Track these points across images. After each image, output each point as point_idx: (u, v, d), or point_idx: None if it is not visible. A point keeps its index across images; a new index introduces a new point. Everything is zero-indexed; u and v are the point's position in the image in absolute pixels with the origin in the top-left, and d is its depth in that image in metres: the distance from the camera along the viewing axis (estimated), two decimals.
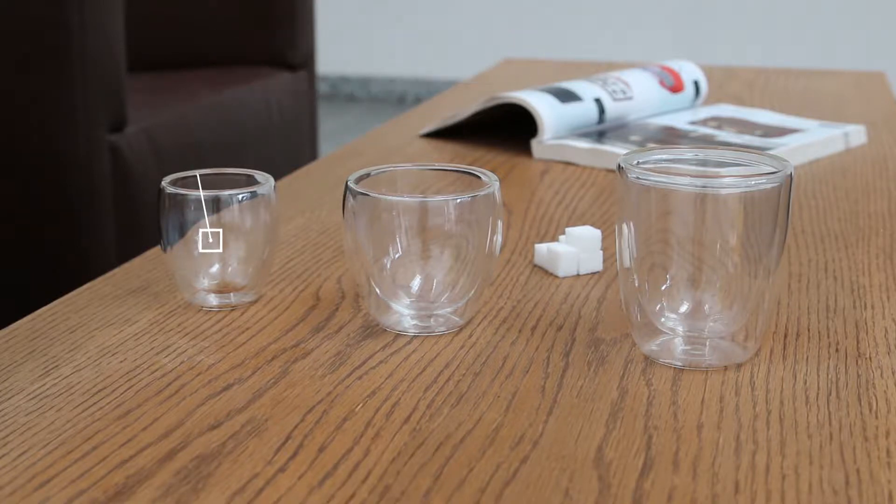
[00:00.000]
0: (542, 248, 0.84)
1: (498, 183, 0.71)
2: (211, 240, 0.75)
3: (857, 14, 4.37)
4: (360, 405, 0.61)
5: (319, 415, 0.60)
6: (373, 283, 0.71)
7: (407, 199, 0.69)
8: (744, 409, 0.60)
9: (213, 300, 0.76)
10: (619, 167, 0.65)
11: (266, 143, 2.04)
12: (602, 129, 1.28)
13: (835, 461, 0.55)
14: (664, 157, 0.69)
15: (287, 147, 2.12)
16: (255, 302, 0.77)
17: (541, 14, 4.66)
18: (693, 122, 1.33)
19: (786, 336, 0.70)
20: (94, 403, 0.61)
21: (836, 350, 0.68)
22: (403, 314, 0.71)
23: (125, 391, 0.63)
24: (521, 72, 1.88)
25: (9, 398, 0.62)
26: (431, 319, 0.71)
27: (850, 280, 0.81)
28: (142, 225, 1.58)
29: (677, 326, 0.66)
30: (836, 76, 1.81)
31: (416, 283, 0.70)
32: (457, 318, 0.72)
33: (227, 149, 1.87)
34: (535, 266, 0.85)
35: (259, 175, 0.77)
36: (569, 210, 1.00)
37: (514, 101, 1.24)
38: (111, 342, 0.70)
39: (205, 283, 0.76)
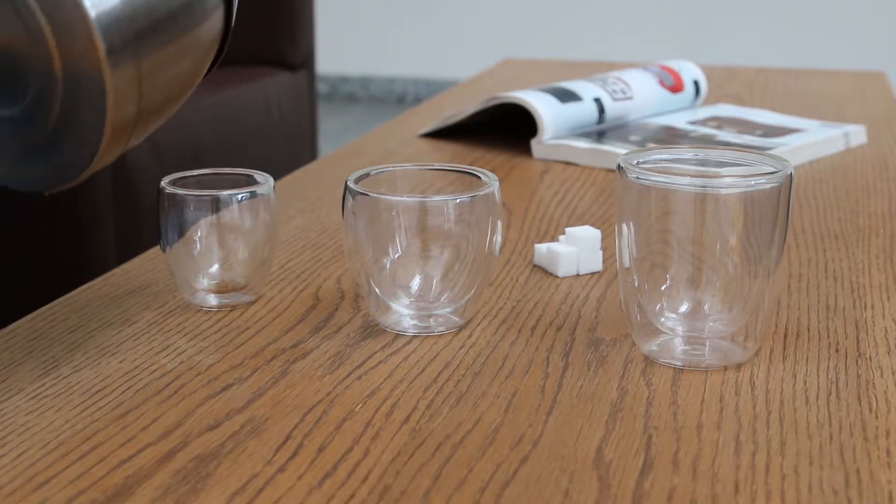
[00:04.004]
0: (541, 248, 0.84)
1: (497, 183, 0.71)
2: (210, 240, 0.75)
3: (857, 14, 4.36)
4: (360, 405, 0.61)
5: (319, 415, 0.60)
6: (372, 283, 0.71)
7: (407, 199, 0.69)
8: (744, 410, 0.60)
9: (212, 300, 0.76)
10: (619, 167, 0.65)
11: (266, 143, 2.04)
12: (602, 129, 1.28)
13: (835, 461, 0.55)
14: (664, 157, 0.69)
15: (287, 147, 2.12)
16: (255, 302, 0.77)
17: (541, 14, 4.66)
18: (693, 122, 1.33)
19: (786, 336, 0.70)
20: (94, 403, 0.61)
21: (836, 350, 0.68)
22: (403, 314, 0.71)
23: (124, 391, 0.63)
24: (521, 72, 1.88)
25: (8, 398, 0.62)
26: (431, 319, 0.71)
27: (850, 280, 0.81)
28: (142, 225, 1.58)
29: (677, 326, 0.66)
30: (836, 76, 1.81)
31: (415, 283, 0.70)
32: (456, 318, 0.72)
33: (227, 149, 1.87)
34: (534, 266, 0.84)
35: (259, 175, 0.77)
36: (569, 210, 1.00)
37: (513, 101, 1.24)
38: (111, 342, 0.70)
39: (204, 283, 0.76)
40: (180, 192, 0.74)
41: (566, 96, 1.26)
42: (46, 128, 0.59)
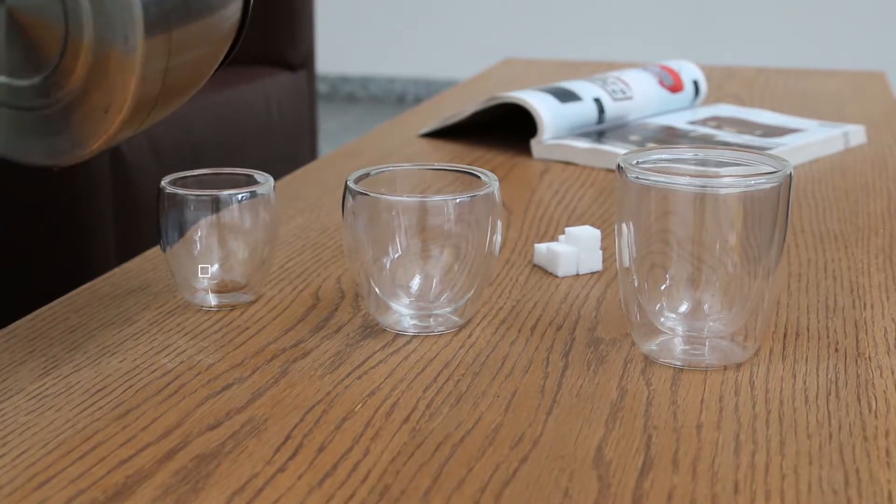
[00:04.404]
0: (541, 248, 0.84)
1: (497, 183, 0.71)
2: (210, 240, 0.75)
3: (857, 14, 4.36)
4: (360, 405, 0.61)
5: (319, 414, 0.60)
6: (372, 283, 0.71)
7: (406, 198, 0.69)
8: (743, 409, 0.60)
9: (212, 300, 0.76)
10: (619, 167, 0.65)
11: (266, 143, 2.04)
12: (602, 129, 1.28)
13: (834, 461, 0.55)
14: (664, 156, 0.69)
15: (287, 147, 2.12)
16: (255, 302, 0.77)
17: (541, 14, 4.66)
18: (693, 122, 1.33)
19: (785, 336, 0.70)
20: (94, 403, 0.61)
21: (836, 350, 0.68)
22: (403, 314, 0.71)
23: (124, 391, 0.63)
24: (521, 72, 1.88)
25: (8, 398, 0.62)
26: (431, 319, 0.71)
27: (850, 280, 0.81)
28: (142, 225, 1.58)
29: (677, 326, 0.66)
30: (836, 76, 1.81)
31: (415, 282, 0.70)
32: (456, 318, 0.72)
33: (227, 149, 1.87)
34: (534, 266, 0.85)
35: (259, 175, 0.77)
36: (568, 210, 1.00)
37: (513, 100, 1.24)
38: (111, 342, 0.70)
39: (204, 283, 0.76)
40: (180, 192, 0.74)
41: (566, 96, 1.26)
42: (65, 98, 0.59)
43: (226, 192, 0.75)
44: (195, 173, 0.77)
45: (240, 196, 0.75)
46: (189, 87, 0.64)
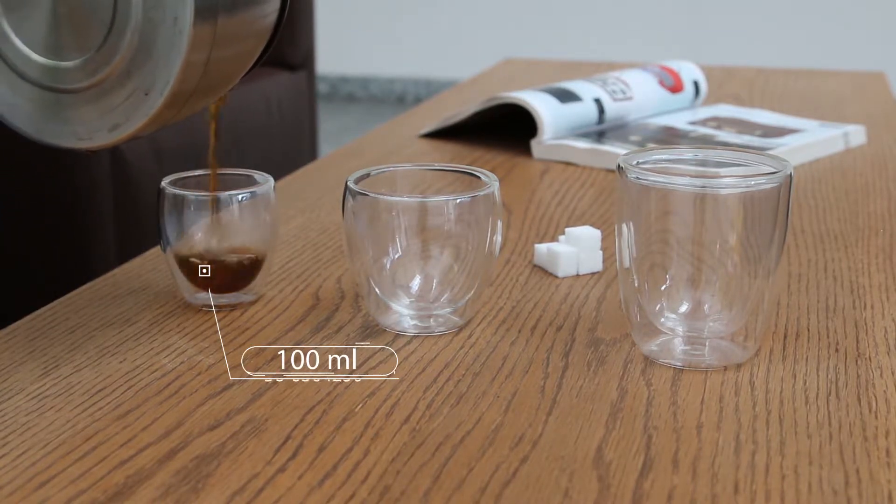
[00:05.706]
0: (541, 248, 0.84)
1: (497, 183, 0.71)
2: (211, 240, 0.75)
3: (857, 14, 4.36)
4: (360, 405, 0.61)
5: (319, 415, 0.60)
6: (372, 283, 0.71)
7: (406, 199, 0.69)
8: (743, 409, 0.60)
9: (212, 300, 0.76)
10: (619, 167, 0.65)
11: (266, 143, 2.03)
12: (602, 129, 1.28)
13: (834, 461, 0.55)
14: (664, 157, 0.69)
15: (287, 147, 2.12)
16: (255, 302, 0.77)
17: (541, 14, 4.66)
18: (693, 122, 1.33)
19: (785, 336, 0.70)
20: (94, 403, 0.61)
21: (836, 350, 0.68)
22: (403, 314, 0.71)
23: (125, 391, 0.63)
24: (521, 72, 1.88)
25: (9, 398, 0.62)
26: (431, 319, 0.71)
27: (850, 280, 0.81)
28: (142, 225, 1.58)
29: (677, 326, 0.66)
30: (836, 76, 1.81)
31: (415, 283, 0.70)
32: (456, 319, 0.72)
33: (227, 149, 1.86)
34: (534, 266, 0.84)
35: (259, 175, 0.77)
36: (568, 210, 1.00)
37: (513, 101, 1.24)
38: (111, 342, 0.70)
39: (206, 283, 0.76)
40: (180, 192, 0.74)
41: (566, 96, 1.26)
42: (107, 79, 0.59)
43: (226, 193, 0.75)
44: (195, 174, 0.77)
45: (240, 196, 0.75)
46: (222, 85, 0.64)
